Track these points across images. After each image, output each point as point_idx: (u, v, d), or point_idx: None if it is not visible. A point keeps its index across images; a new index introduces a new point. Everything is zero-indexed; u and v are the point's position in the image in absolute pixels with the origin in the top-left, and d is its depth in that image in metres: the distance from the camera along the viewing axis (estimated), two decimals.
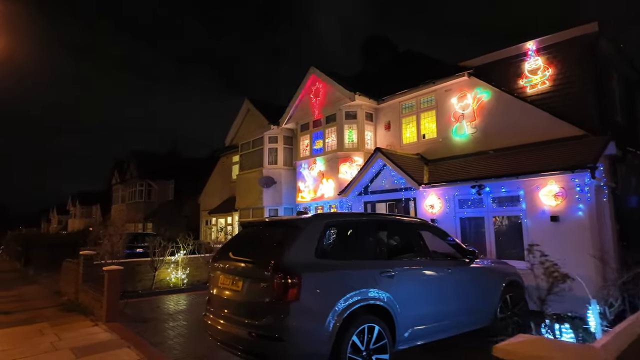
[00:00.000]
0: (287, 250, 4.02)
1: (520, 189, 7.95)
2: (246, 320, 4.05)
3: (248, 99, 16.96)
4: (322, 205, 12.97)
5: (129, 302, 8.41)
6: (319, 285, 4.00)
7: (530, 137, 9.04)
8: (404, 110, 12.17)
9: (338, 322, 3.95)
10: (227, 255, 4.69)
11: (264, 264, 3.99)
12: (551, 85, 9.31)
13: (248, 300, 4.09)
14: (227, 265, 4.55)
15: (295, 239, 4.13)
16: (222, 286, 4.53)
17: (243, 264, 4.25)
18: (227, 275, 4.47)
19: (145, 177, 29.64)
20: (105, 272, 7.69)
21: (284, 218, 4.90)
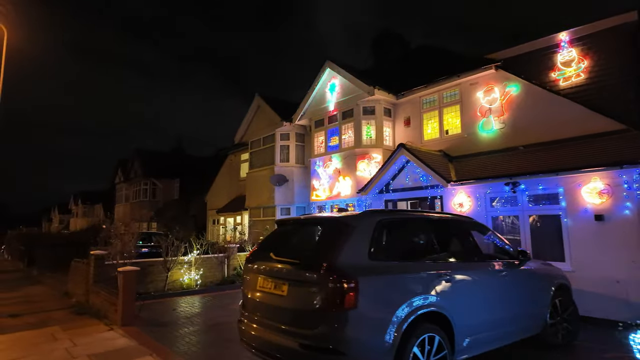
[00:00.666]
0: (340, 250, 3.58)
1: (559, 187, 7.51)
2: (293, 329, 3.61)
3: (259, 95, 16.52)
4: (338, 204, 12.52)
5: (144, 303, 7.97)
6: (377, 290, 3.56)
7: (564, 132, 8.59)
8: (424, 105, 11.73)
9: (399, 332, 3.52)
10: (266, 256, 4.25)
11: (314, 265, 3.55)
12: (587, 77, 8.87)
13: (295, 306, 3.65)
14: (267, 267, 4.11)
15: (347, 238, 3.69)
16: (261, 290, 4.09)
17: (288, 266, 3.80)
18: (268, 278, 4.03)
19: (150, 176, 29.21)
20: (120, 274, 7.26)
21: (330, 215, 4.46)
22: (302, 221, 4.54)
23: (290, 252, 4.11)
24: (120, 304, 7.13)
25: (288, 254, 4.05)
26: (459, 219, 5.11)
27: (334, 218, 4.12)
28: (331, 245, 3.65)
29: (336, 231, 3.80)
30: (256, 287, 4.19)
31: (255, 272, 4.27)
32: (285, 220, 4.77)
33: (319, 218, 4.51)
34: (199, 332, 6.75)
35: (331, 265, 3.46)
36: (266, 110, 16.11)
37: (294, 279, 3.70)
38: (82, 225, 40.94)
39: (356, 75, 12.20)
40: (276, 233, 4.68)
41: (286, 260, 3.90)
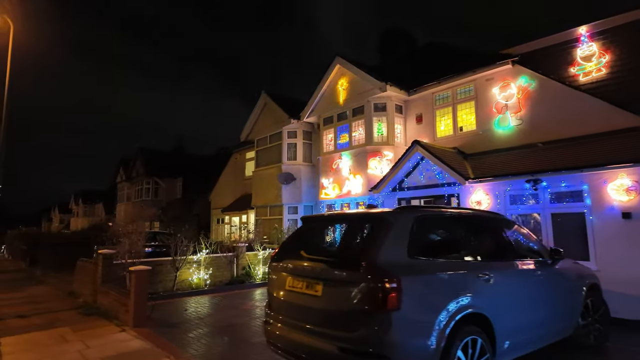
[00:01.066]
0: (379, 248, 3.36)
1: (584, 184, 7.30)
2: (329, 331, 3.39)
3: (265, 92, 16.30)
4: (349, 203, 12.31)
5: (156, 304, 7.73)
6: (420, 290, 3.34)
7: (585, 128, 8.38)
8: (437, 101, 11.51)
9: (443, 334, 3.30)
10: (296, 255, 4.03)
11: (353, 264, 3.33)
12: (608, 72, 8.66)
13: (331, 307, 3.43)
14: (297, 266, 3.89)
15: (386, 235, 3.47)
16: (291, 290, 3.87)
17: (323, 265, 3.58)
18: (299, 277, 3.80)
19: (153, 175, 28.96)
20: (131, 273, 7.03)
21: (364, 211, 4.24)
22: (331, 218, 4.32)
23: (322, 250, 3.90)
24: (131, 305, 6.90)
25: (320, 252, 3.84)
26: (492, 216, 4.89)
27: (370, 214, 3.90)
28: (370, 242, 3.43)
29: (374, 228, 3.58)
30: (285, 287, 3.97)
31: (283, 271, 4.05)
32: (313, 217, 4.54)
33: (352, 214, 4.29)
34: (213, 333, 6.52)
35: (372, 264, 3.24)
36: (273, 107, 15.88)
37: (330, 278, 3.48)
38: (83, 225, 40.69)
39: (367, 72, 11.98)
40: (303, 231, 4.45)
41: (319, 258, 3.68)
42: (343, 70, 12.88)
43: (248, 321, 7.28)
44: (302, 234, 4.44)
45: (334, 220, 4.25)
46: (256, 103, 16.77)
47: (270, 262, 4.38)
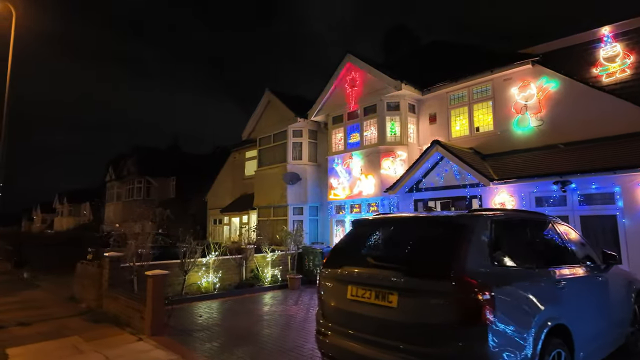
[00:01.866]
0: (465, 255, 3.06)
1: (615, 185, 7.17)
2: (408, 346, 3.08)
3: (269, 90, 15.90)
4: (360, 204, 12.03)
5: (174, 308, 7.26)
6: (510, 301, 3.06)
7: (608, 129, 8.29)
8: (452, 101, 11.32)
9: (535, 349, 3.03)
10: (357, 261, 3.70)
11: (437, 273, 3.03)
12: (632, 73, 8.60)
13: (411, 320, 3.11)
14: (362, 274, 3.56)
15: (469, 241, 3.17)
16: (354, 299, 3.54)
17: (399, 273, 3.25)
18: (365, 286, 3.48)
19: (145, 174, 28.19)
20: (149, 278, 6.58)
21: (439, 215, 3.95)
22: (392, 221, 4.00)
23: (390, 256, 3.57)
24: (148, 311, 6.46)
25: (389, 259, 3.51)
26: (554, 219, 4.65)
27: (447, 217, 3.59)
28: (453, 249, 3.13)
29: (454, 233, 3.27)
30: (345, 297, 3.63)
31: (343, 279, 3.72)
32: (368, 220, 4.20)
33: (419, 218, 3.97)
34: (236, 342, 6.12)
35: (462, 273, 2.94)
36: (277, 106, 15.50)
37: (409, 288, 3.16)
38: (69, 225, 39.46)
39: (380, 69, 11.72)
40: (356, 235, 4.12)
41: (392, 266, 3.36)
42: (354, 68, 12.59)
43: (268, 329, 6.91)
44: (356, 238, 4.11)
45: (395, 224, 3.93)
46: (259, 101, 16.36)
47: (323, 269, 4.05)
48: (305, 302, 9.26)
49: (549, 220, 4.46)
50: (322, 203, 14.77)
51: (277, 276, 11.53)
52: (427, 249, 3.38)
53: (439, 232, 3.44)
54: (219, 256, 10.52)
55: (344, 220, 12.46)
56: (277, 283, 11.34)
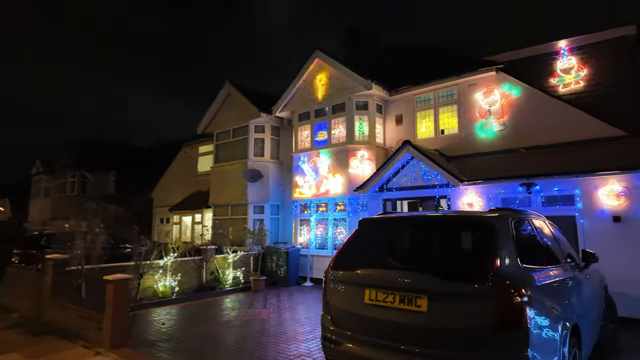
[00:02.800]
0: (498, 256, 2.96)
1: (575, 188, 7.66)
2: (441, 352, 2.91)
3: (230, 83, 15.16)
4: (327, 203, 11.84)
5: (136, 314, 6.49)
6: (541, 303, 3.01)
7: (565, 136, 8.87)
8: (418, 103, 11.53)
9: (562, 350, 3.00)
10: (375, 262, 3.47)
11: (472, 275, 2.89)
12: (585, 85, 9.28)
13: (443, 325, 2.94)
14: (383, 276, 3.33)
15: (498, 241, 3.09)
16: (374, 304, 3.30)
17: (428, 276, 3.06)
18: (387, 289, 3.25)
19: (80, 168, 25.70)
20: (109, 283, 5.82)
21: (462, 214, 3.82)
22: (408, 221, 3.81)
23: (415, 258, 3.38)
24: (108, 321, 5.71)
25: (414, 260, 3.32)
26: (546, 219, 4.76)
27: (476, 217, 3.45)
28: (487, 250, 3.01)
29: (484, 233, 3.16)
30: (362, 301, 3.38)
31: (358, 282, 3.47)
32: (383, 219, 3.97)
33: (439, 217, 3.81)
34: (211, 353, 5.63)
35: (499, 275, 2.83)
36: (237, 99, 14.82)
37: (440, 291, 2.99)
38: None
39: (351, 67, 11.61)
40: (369, 235, 3.88)
41: (420, 268, 3.16)
42: (322, 65, 12.37)
43: (243, 336, 6.46)
44: (368, 238, 3.87)
45: (415, 224, 3.74)
46: (217, 94, 15.53)
47: (332, 271, 3.76)
48: (274, 304, 8.87)
49: (544, 219, 4.57)
50: (284, 202, 14.38)
51: (239, 278, 10.97)
52: (457, 250, 3.24)
53: (468, 232, 3.32)
54: (178, 257, 9.75)
55: (309, 219, 12.19)
56: (240, 285, 10.78)
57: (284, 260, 11.46)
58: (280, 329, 6.80)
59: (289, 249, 11.46)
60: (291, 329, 6.76)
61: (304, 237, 12.33)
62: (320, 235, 11.90)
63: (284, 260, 11.45)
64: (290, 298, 9.62)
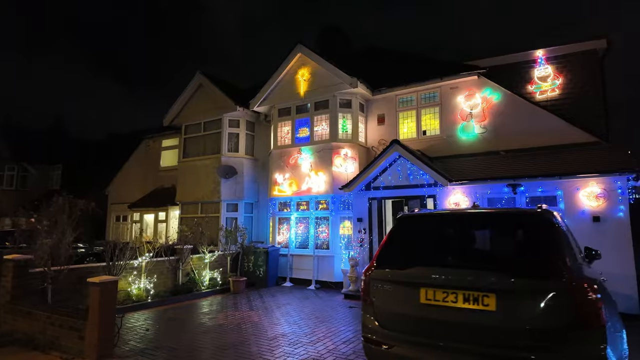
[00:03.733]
0: (567, 253, 2.94)
1: (558, 189, 8.06)
2: (514, 353, 2.81)
3: (202, 73, 14.38)
4: (308, 201, 11.58)
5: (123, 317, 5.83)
6: (607, 299, 3.01)
7: (543, 140, 9.35)
8: (401, 104, 11.64)
9: (625, 346, 3.03)
10: (430, 260, 3.31)
11: (547, 272, 2.83)
12: (560, 93, 9.85)
13: (515, 324, 2.84)
14: (443, 275, 3.18)
15: (560, 238, 3.06)
16: (432, 304, 3.15)
17: (497, 273, 2.95)
18: (449, 289, 3.10)
19: (21, 159, 23.27)
20: (94, 286, 5.17)
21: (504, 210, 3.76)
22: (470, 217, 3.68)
23: (478, 255, 3.26)
24: (94, 329, 5.07)
25: (477, 258, 3.20)
26: None
27: (537, 213, 3.37)
28: (555, 246, 2.96)
29: (548, 230, 3.11)
30: (417, 301, 3.22)
31: (411, 281, 3.30)
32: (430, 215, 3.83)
33: (490, 213, 3.72)
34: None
35: (572, 272, 2.79)
36: (210, 91, 14.11)
37: (511, 289, 2.89)
38: None
39: (336, 64, 11.45)
40: (415, 232, 3.71)
41: (486, 266, 3.05)
42: (305, 60, 12.10)
43: (238, 342, 6.06)
44: (415, 235, 3.70)
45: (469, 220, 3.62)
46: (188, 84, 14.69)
47: (376, 270, 3.55)
48: (260, 306, 8.47)
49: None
50: (259, 200, 13.91)
51: (216, 279, 10.39)
52: (520, 247, 3.17)
53: (526, 228, 3.25)
54: (153, 258, 9.02)
55: (289, 217, 11.85)
56: (217, 287, 10.22)
57: (263, 260, 11.04)
58: (277, 330, 6.47)
59: (268, 249, 11.05)
60: (290, 331, 6.45)
61: (283, 236, 11.97)
62: (301, 234, 11.61)
63: (263, 260, 11.02)
64: (275, 299, 9.26)
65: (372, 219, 10.10)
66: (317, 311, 7.98)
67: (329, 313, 7.83)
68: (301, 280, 11.20)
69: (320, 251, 11.05)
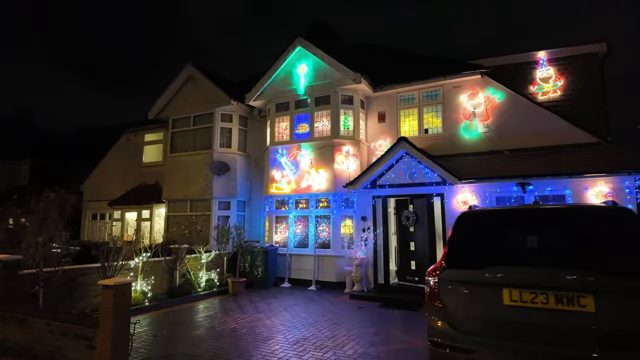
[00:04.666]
0: None
1: (567, 189, 8.14)
2: (614, 355, 2.64)
3: (193, 65, 13.74)
4: (308, 199, 11.24)
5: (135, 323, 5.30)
6: None
7: (546, 140, 9.47)
8: (402, 102, 11.52)
9: None
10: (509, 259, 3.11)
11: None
12: (562, 94, 10.01)
13: (618, 325, 2.67)
14: (529, 274, 2.98)
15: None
16: (518, 305, 2.95)
17: (594, 272, 2.78)
18: (537, 289, 2.91)
19: None
20: (108, 289, 4.65)
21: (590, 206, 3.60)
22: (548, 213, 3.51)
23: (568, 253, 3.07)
24: (107, 337, 4.56)
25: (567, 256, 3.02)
26: None
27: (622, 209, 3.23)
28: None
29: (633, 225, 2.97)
30: (500, 302, 3.01)
31: (492, 282, 3.08)
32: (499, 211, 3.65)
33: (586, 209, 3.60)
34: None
35: None
36: (202, 84, 13.50)
37: (610, 289, 2.73)
38: None
39: (339, 59, 11.18)
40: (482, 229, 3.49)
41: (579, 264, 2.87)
42: (305, 54, 11.76)
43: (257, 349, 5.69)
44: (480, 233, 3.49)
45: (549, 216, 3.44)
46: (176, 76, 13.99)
47: (447, 270, 3.31)
48: (266, 308, 8.08)
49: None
50: (251, 198, 13.44)
51: (213, 280, 9.88)
52: (612, 244, 3.00)
53: (618, 224, 3.10)
54: (151, 258, 8.43)
55: (287, 216, 11.47)
56: (214, 288, 9.72)
57: (261, 260, 10.61)
58: (296, 334, 6.12)
59: (268, 248, 10.64)
60: (310, 334, 6.13)
61: (280, 235, 11.58)
62: (300, 233, 11.26)
63: (262, 260, 10.60)
64: (279, 300, 8.88)
65: (377, 218, 9.91)
66: (328, 313, 7.68)
67: (341, 314, 7.55)
68: (300, 280, 10.85)
69: (321, 250, 10.74)
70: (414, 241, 9.68)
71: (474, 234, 3.51)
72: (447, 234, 8.96)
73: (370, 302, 8.71)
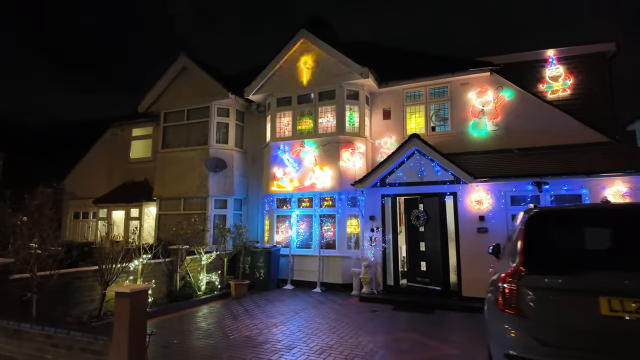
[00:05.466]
0: None
1: (583, 188, 8.02)
2: None
3: (187, 55, 13.07)
4: (311, 197, 10.82)
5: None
6: None
7: (556, 139, 9.38)
8: (408, 98, 11.25)
9: None
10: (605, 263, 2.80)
11: None
12: (571, 93, 9.95)
13: None
14: (631, 281, 2.67)
15: None
16: (618, 316, 2.64)
17: None
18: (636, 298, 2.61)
19: None
20: (124, 297, 4.13)
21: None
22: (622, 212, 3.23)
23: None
24: (123, 351, 4.03)
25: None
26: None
27: None
28: None
29: None
30: (597, 313, 2.70)
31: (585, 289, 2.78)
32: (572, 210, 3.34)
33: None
34: None
35: None
36: (196, 76, 12.87)
37: None
38: None
39: (344, 52, 10.80)
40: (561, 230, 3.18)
41: None
42: (308, 47, 11.33)
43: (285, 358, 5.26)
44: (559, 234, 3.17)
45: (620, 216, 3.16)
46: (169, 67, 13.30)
47: (528, 275, 2.98)
48: (275, 313, 7.62)
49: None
50: (248, 196, 12.91)
51: (214, 283, 9.36)
52: None
53: None
54: (152, 259, 7.84)
55: (289, 215, 11.01)
56: (216, 291, 9.19)
57: (263, 261, 10.13)
58: (318, 342, 5.71)
59: (271, 249, 10.16)
60: (334, 342, 5.73)
61: (282, 235, 11.11)
62: (303, 233, 10.83)
63: (264, 261, 10.12)
64: (286, 304, 8.43)
65: (386, 217, 9.59)
66: (343, 317, 7.30)
67: (356, 319, 7.18)
68: (304, 282, 10.41)
69: (326, 251, 10.34)
70: (424, 241, 9.41)
71: (554, 236, 3.19)
72: (460, 234, 8.73)
73: (382, 305, 8.39)
